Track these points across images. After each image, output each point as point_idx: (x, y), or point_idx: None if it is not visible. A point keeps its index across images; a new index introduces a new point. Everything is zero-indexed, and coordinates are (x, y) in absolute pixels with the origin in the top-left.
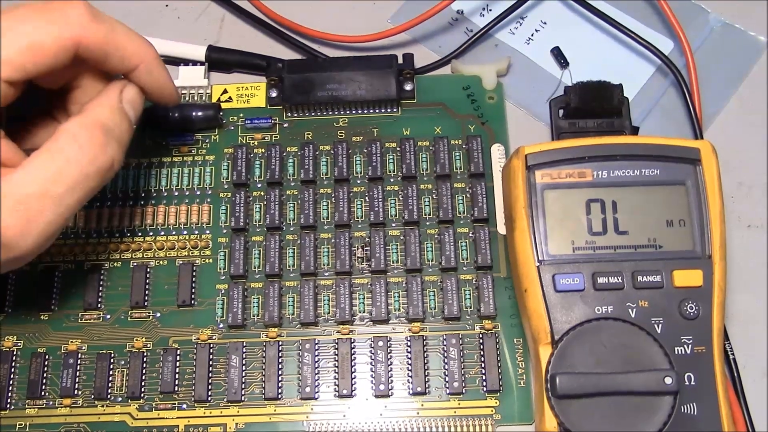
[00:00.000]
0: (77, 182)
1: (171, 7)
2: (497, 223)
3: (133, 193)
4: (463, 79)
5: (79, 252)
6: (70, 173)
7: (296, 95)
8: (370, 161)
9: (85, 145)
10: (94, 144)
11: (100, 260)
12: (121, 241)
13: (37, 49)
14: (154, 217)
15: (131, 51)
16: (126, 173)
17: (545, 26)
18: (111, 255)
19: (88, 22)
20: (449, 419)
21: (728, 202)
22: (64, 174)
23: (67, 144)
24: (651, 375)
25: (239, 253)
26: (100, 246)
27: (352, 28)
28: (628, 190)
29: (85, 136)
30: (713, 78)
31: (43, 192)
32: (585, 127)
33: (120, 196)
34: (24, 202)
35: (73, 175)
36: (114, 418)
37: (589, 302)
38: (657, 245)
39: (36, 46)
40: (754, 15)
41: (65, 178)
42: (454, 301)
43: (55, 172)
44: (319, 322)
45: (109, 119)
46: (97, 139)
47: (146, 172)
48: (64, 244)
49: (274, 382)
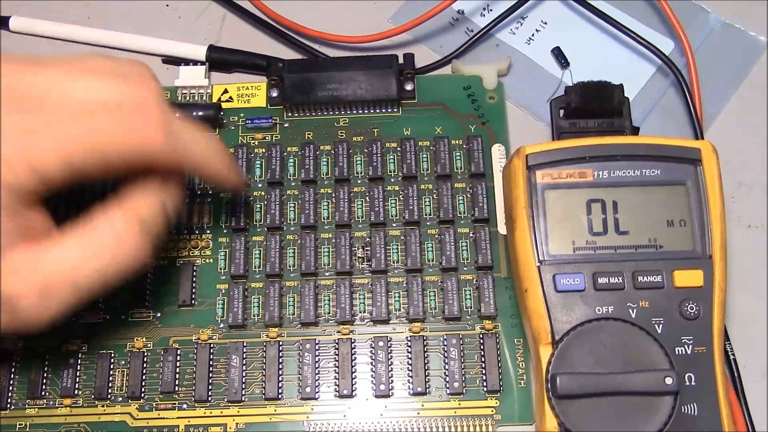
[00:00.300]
0: (105, 273)
1: (171, 6)
2: (498, 223)
3: None
4: (463, 79)
5: None
6: (100, 263)
7: (297, 95)
8: (370, 161)
9: (122, 239)
10: (130, 240)
11: None
12: None
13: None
14: None
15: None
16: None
17: (546, 26)
18: None
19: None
20: (449, 419)
21: (728, 202)
22: (94, 262)
23: (104, 234)
24: (651, 375)
25: (239, 253)
26: None
27: (352, 28)
28: (628, 190)
29: (123, 229)
30: (713, 78)
31: (69, 275)
32: (585, 127)
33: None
34: (48, 281)
35: (102, 265)
36: (114, 418)
37: (589, 302)
38: (657, 245)
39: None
40: (754, 15)
41: (94, 266)
42: (454, 301)
43: (85, 258)
44: (319, 322)
45: (149, 216)
46: (134, 235)
47: None
48: None
49: (275, 382)
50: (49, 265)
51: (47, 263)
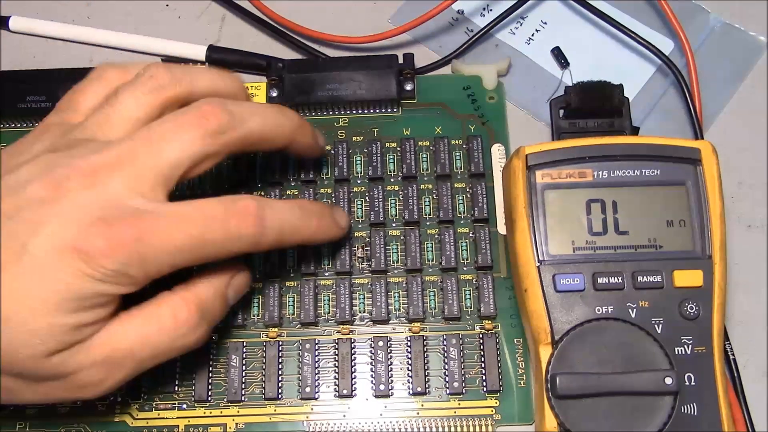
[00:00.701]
0: (161, 352)
1: (171, 7)
2: (497, 223)
3: None
4: (463, 79)
5: None
6: (158, 342)
7: (296, 95)
8: (370, 161)
9: (180, 322)
10: (188, 324)
11: None
12: None
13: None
14: None
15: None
16: None
17: (546, 26)
18: None
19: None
20: (449, 419)
21: (728, 202)
22: (153, 341)
23: (166, 315)
24: (651, 375)
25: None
26: None
27: (352, 28)
28: (628, 190)
29: (183, 313)
30: (713, 78)
31: (129, 351)
32: (585, 127)
33: None
34: (110, 356)
35: (160, 345)
36: (114, 418)
37: (589, 302)
38: (657, 245)
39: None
40: (754, 15)
41: (152, 344)
42: (454, 301)
43: (145, 336)
44: (319, 322)
45: (210, 302)
46: (193, 320)
47: None
48: None
49: (274, 382)
50: (113, 342)
51: (111, 340)
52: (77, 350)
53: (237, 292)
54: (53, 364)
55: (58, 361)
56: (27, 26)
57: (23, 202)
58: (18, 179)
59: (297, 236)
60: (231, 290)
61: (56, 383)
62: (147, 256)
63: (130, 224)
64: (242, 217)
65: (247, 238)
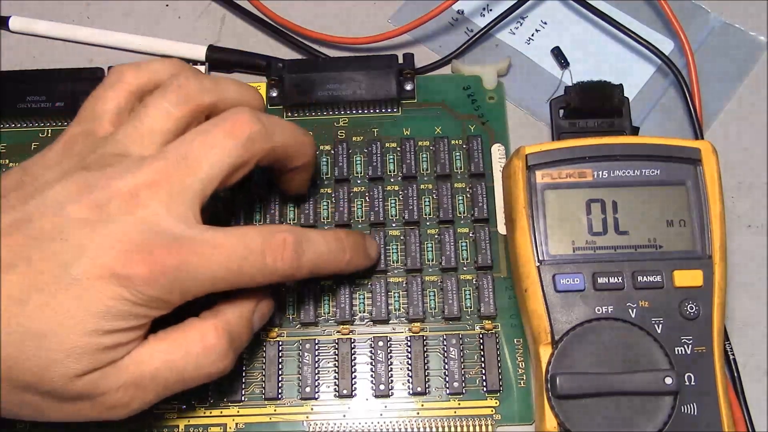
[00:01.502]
0: (188, 377)
1: (171, 6)
2: (497, 223)
3: None
4: (463, 79)
5: None
6: (185, 367)
7: (296, 95)
8: (370, 161)
9: (209, 349)
10: (217, 350)
11: None
12: None
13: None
14: None
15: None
16: None
17: (545, 26)
18: None
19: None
20: (449, 419)
21: (728, 202)
22: (179, 366)
23: (194, 341)
24: (651, 375)
25: None
26: None
27: (351, 29)
28: (628, 190)
29: (212, 339)
30: (713, 78)
31: (156, 375)
32: (585, 127)
33: None
34: (136, 379)
35: (186, 370)
36: None
37: (589, 302)
38: (657, 245)
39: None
40: (754, 15)
41: (179, 369)
42: (454, 301)
43: (173, 361)
44: (319, 322)
45: (237, 329)
46: (222, 346)
47: None
48: None
49: (274, 382)
50: (142, 364)
51: (141, 362)
52: (108, 372)
53: (262, 319)
54: (83, 383)
55: (88, 380)
56: (27, 26)
57: (65, 222)
58: (56, 198)
59: (329, 268)
60: (257, 316)
61: (83, 404)
62: (185, 283)
63: (171, 252)
64: (280, 251)
65: (282, 272)
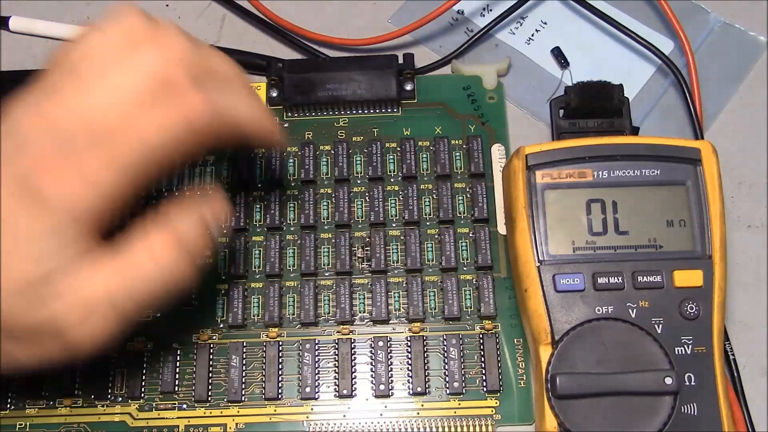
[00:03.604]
0: (143, 294)
1: (171, 7)
2: (497, 223)
3: None
4: (463, 79)
5: None
6: (137, 284)
7: (296, 95)
8: (370, 161)
9: (158, 260)
10: (167, 260)
11: None
12: None
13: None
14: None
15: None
16: None
17: (545, 26)
18: None
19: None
20: (449, 419)
21: (728, 202)
22: (131, 283)
23: (140, 254)
24: (651, 375)
25: (239, 253)
26: None
27: (351, 29)
28: (628, 190)
29: (159, 250)
30: (713, 78)
31: (106, 297)
32: (585, 127)
33: None
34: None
35: (139, 286)
36: (114, 418)
37: (589, 302)
38: (657, 245)
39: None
40: (754, 15)
41: (132, 287)
42: (454, 301)
43: (121, 279)
44: (319, 322)
45: (189, 233)
46: (171, 255)
47: None
48: None
49: (274, 382)
50: (88, 288)
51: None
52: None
53: (217, 219)
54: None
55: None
56: (27, 26)
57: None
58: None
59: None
60: (209, 218)
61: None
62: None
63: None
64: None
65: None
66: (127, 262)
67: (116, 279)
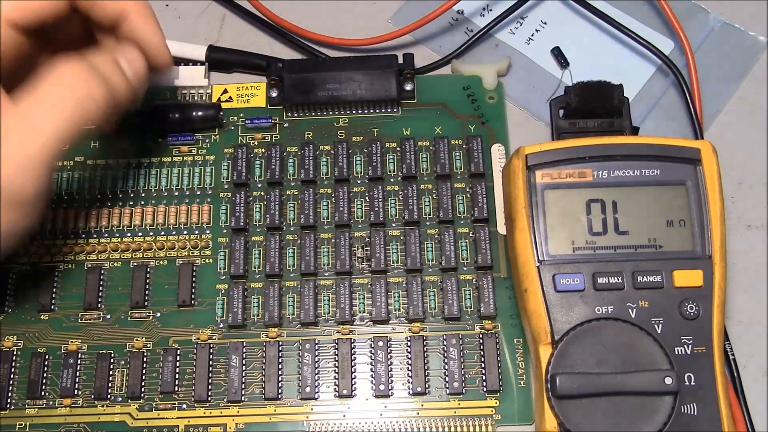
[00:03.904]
0: (69, 123)
1: (171, 6)
2: (497, 223)
3: (133, 193)
4: (463, 79)
5: (79, 251)
6: (61, 115)
7: (296, 95)
8: (370, 161)
9: (73, 86)
10: (82, 84)
11: (101, 260)
12: (122, 241)
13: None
14: (154, 216)
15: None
16: (126, 173)
17: (545, 26)
18: (111, 255)
19: None
20: (449, 419)
21: (728, 202)
22: (54, 116)
23: (55, 87)
24: (651, 375)
25: (239, 253)
26: (101, 246)
27: (351, 29)
28: (628, 190)
29: (72, 76)
30: (713, 78)
31: (33, 138)
32: (585, 127)
33: (120, 195)
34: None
35: (63, 117)
36: (114, 418)
37: (589, 302)
38: (657, 245)
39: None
40: (754, 15)
41: (56, 119)
42: (454, 301)
43: (44, 115)
44: (319, 322)
45: (99, 63)
46: (85, 78)
47: (146, 172)
48: (65, 244)
49: (274, 382)
50: (13, 134)
51: (10, 132)
52: None
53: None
54: None
55: None
56: None
57: None
58: None
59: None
60: (123, 59)
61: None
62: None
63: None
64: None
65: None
66: (46, 98)
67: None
